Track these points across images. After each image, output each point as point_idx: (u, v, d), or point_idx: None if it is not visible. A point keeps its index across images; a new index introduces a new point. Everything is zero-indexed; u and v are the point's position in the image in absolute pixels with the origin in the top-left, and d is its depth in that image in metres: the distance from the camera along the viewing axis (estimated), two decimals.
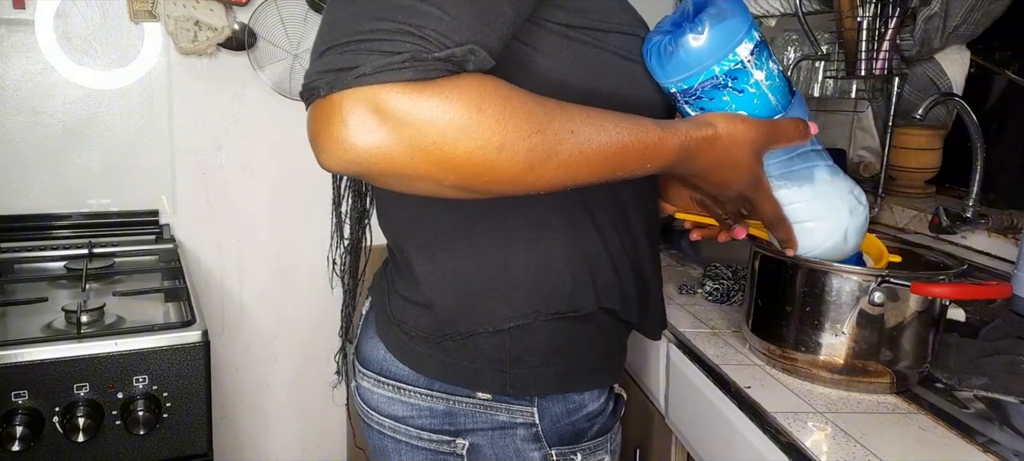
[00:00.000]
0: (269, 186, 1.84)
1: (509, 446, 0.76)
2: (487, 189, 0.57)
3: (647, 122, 0.63)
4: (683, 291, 1.15)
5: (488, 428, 0.75)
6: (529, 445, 0.75)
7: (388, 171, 0.54)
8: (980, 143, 1.36)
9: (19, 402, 1.10)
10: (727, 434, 0.84)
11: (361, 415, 0.83)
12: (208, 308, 1.81)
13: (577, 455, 0.77)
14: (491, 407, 0.75)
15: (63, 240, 1.65)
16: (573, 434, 0.77)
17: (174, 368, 1.18)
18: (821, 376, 0.83)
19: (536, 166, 0.56)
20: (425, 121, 0.52)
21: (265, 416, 1.98)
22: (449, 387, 0.75)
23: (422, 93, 0.52)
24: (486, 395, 0.74)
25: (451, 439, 0.76)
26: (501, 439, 0.76)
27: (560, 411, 0.76)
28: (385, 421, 0.79)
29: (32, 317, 1.28)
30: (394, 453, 0.79)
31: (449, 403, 0.75)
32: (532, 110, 0.56)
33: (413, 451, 0.78)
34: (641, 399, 1.14)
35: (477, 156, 0.54)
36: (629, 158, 0.61)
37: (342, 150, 0.52)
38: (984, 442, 0.72)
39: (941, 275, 0.85)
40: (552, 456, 0.76)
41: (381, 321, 0.80)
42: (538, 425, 0.75)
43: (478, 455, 0.76)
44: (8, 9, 1.58)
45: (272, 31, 1.74)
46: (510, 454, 0.76)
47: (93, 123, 1.68)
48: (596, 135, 0.59)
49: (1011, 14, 1.45)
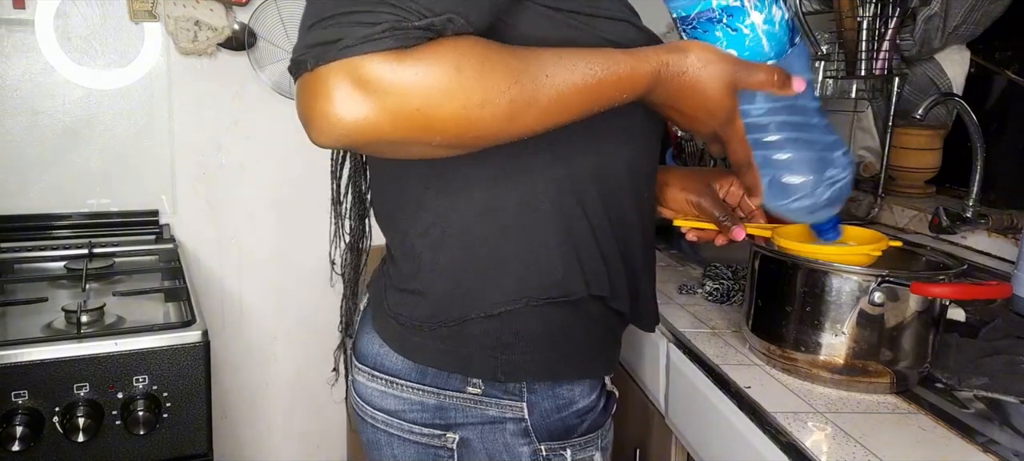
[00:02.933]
0: (269, 186, 1.84)
1: (499, 440, 0.76)
2: (475, 144, 0.59)
3: (618, 53, 0.64)
4: (683, 291, 1.15)
5: (478, 422, 0.76)
6: (518, 440, 0.76)
7: (377, 140, 0.55)
8: (980, 143, 1.36)
9: (19, 402, 1.10)
10: (727, 434, 0.84)
11: (355, 409, 0.83)
12: (208, 308, 1.81)
13: (566, 451, 0.77)
14: (481, 401, 0.75)
15: (63, 240, 1.65)
16: (563, 430, 0.77)
17: (174, 368, 1.18)
18: (821, 376, 0.83)
19: (518, 115, 0.58)
20: (407, 88, 0.53)
21: (265, 416, 1.98)
22: (441, 380, 0.75)
23: (403, 61, 0.53)
24: (476, 390, 0.75)
25: (441, 433, 0.76)
26: (491, 433, 0.76)
27: (549, 406, 0.76)
28: (378, 415, 0.79)
29: (32, 317, 1.28)
30: (386, 446, 0.80)
31: (440, 397, 0.76)
32: (508, 63, 0.57)
33: (405, 444, 0.78)
34: (641, 399, 1.14)
35: (460, 115, 0.55)
36: (604, 92, 0.63)
37: (330, 124, 0.53)
38: (984, 442, 0.72)
39: (941, 275, 0.85)
40: (541, 451, 0.76)
41: (377, 315, 0.80)
42: (527, 420, 0.76)
43: (468, 449, 0.76)
44: (8, 9, 1.58)
45: (272, 31, 1.74)
46: (500, 448, 0.76)
47: (93, 123, 1.68)
48: (570, 75, 0.60)
49: (1011, 14, 1.45)
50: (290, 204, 1.86)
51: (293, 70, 0.55)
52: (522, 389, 0.75)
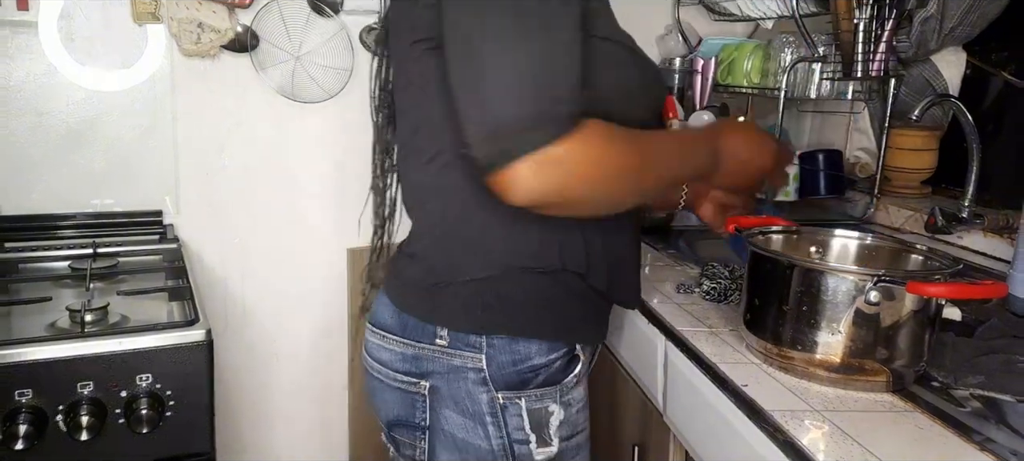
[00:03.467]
0: (271, 187, 1.85)
1: (462, 388, 0.87)
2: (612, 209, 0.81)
3: (701, 146, 0.87)
4: (681, 290, 1.16)
5: (444, 371, 0.87)
6: (478, 387, 0.87)
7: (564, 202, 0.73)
8: (976, 144, 1.37)
9: (23, 401, 1.11)
10: (725, 432, 0.85)
11: (363, 363, 0.97)
12: (211, 308, 1.81)
13: (521, 400, 0.87)
14: (447, 351, 0.86)
15: (67, 240, 1.66)
16: (518, 381, 0.87)
17: (177, 367, 1.19)
18: (818, 375, 0.83)
19: (637, 193, 0.81)
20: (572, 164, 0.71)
21: (268, 415, 1.99)
22: (416, 333, 0.88)
23: (563, 145, 0.70)
24: (442, 341, 0.86)
25: (417, 380, 0.89)
26: (455, 381, 0.87)
27: (505, 360, 0.86)
28: (375, 364, 0.93)
29: (36, 316, 1.28)
30: (380, 392, 0.93)
31: (416, 349, 0.88)
32: (632, 148, 0.77)
33: (392, 391, 0.91)
34: (639, 397, 1.15)
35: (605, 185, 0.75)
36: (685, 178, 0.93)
37: (525, 195, 0.71)
38: (980, 440, 0.73)
39: (937, 275, 0.86)
40: (498, 399, 0.87)
41: (389, 278, 0.94)
42: (486, 370, 0.86)
43: (437, 395, 0.88)
44: (12, 11, 1.59)
45: (274, 33, 1.75)
46: (462, 395, 0.87)
47: (97, 124, 1.69)
48: (671, 172, 0.84)
49: (1007, 15, 1.46)
50: (293, 204, 1.87)
51: (496, 161, 0.70)
52: (482, 342, 0.86)
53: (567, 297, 0.88)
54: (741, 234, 0.94)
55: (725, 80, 1.86)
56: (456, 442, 0.88)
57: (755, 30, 2.01)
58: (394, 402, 0.91)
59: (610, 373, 1.29)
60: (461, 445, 0.88)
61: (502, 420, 0.87)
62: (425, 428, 0.89)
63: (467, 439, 0.88)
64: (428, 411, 0.89)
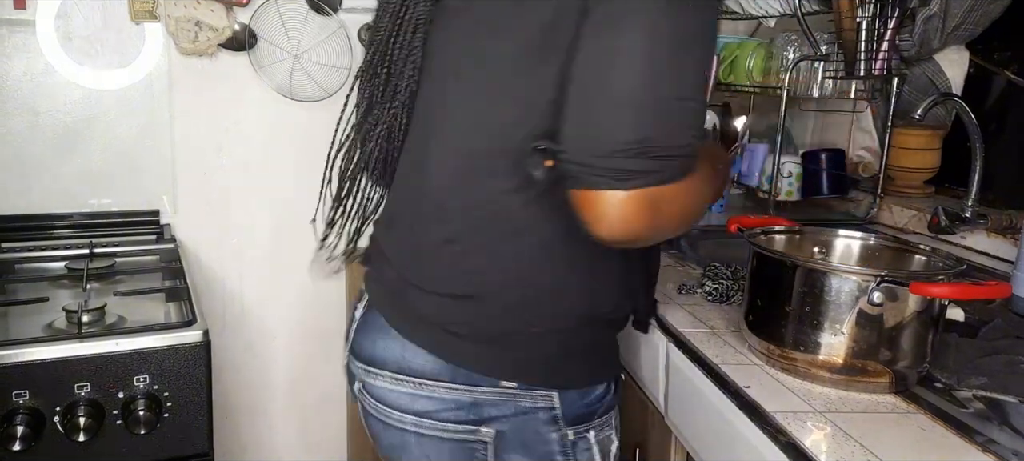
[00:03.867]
0: (269, 186, 1.84)
1: (530, 429, 0.81)
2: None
3: (718, 170, 0.86)
4: (682, 291, 1.15)
5: (512, 414, 0.81)
6: (548, 427, 0.82)
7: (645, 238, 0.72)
8: (979, 143, 1.36)
9: (20, 402, 1.11)
10: (727, 433, 0.84)
11: (376, 415, 0.86)
12: (209, 308, 1.81)
13: (590, 433, 0.85)
14: (516, 394, 0.80)
15: (64, 240, 1.65)
16: (586, 415, 0.84)
17: (175, 368, 1.19)
18: (820, 376, 0.83)
19: (687, 226, 0.78)
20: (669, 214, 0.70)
21: (266, 416, 1.98)
22: (474, 378, 0.80)
23: (668, 191, 0.67)
24: (511, 384, 0.80)
25: (476, 428, 0.81)
26: (523, 423, 0.81)
27: (575, 395, 0.83)
28: (407, 417, 0.83)
29: (33, 317, 1.28)
30: (416, 447, 0.83)
31: (473, 394, 0.80)
32: (702, 188, 0.75)
33: (439, 443, 0.82)
34: (641, 399, 1.15)
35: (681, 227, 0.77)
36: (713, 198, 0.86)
37: (621, 227, 0.67)
38: (983, 442, 0.72)
39: (940, 275, 0.85)
40: (568, 435, 0.83)
41: (406, 320, 0.83)
42: (558, 408, 0.81)
43: (503, 440, 0.81)
44: (9, 9, 1.59)
45: (273, 32, 1.74)
46: (531, 436, 0.82)
47: (94, 123, 1.68)
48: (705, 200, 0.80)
49: (1010, 14, 1.46)
50: (291, 204, 1.86)
51: (602, 184, 0.66)
52: (567, 387, 0.82)
53: (615, 333, 0.90)
54: (743, 234, 0.93)
55: (727, 79, 1.85)
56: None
57: (757, 28, 2.01)
58: (443, 454, 0.82)
59: None
60: None
61: (572, 455, 0.84)
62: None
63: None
64: (491, 459, 0.82)
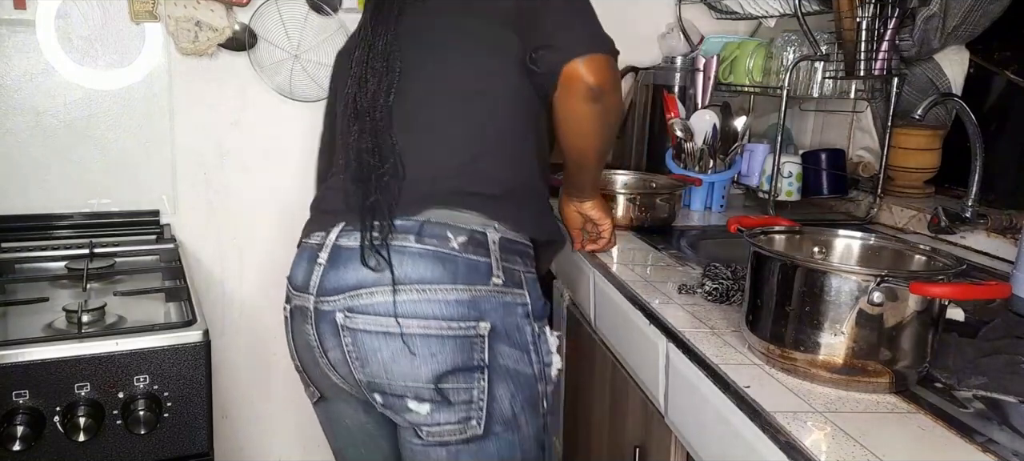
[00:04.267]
0: (269, 186, 1.84)
1: (513, 323, 1.00)
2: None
3: None
4: (682, 291, 1.15)
5: (499, 309, 0.99)
6: (525, 321, 1.02)
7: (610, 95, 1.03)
8: (979, 143, 1.36)
9: (20, 402, 1.11)
10: (727, 433, 0.84)
11: (374, 329, 0.97)
12: (209, 308, 1.81)
13: (547, 328, 1.06)
14: (501, 291, 0.99)
15: (64, 240, 1.65)
16: (543, 313, 1.05)
17: (175, 368, 1.19)
18: (820, 376, 0.83)
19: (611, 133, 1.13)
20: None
21: (266, 416, 1.98)
22: (471, 278, 0.97)
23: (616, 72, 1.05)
24: (499, 280, 0.99)
25: (476, 323, 0.97)
26: (508, 317, 1.00)
27: (536, 295, 1.04)
28: (412, 322, 0.95)
29: (33, 317, 1.28)
30: (422, 348, 0.96)
31: (472, 292, 0.97)
32: None
33: (443, 341, 0.96)
34: (641, 398, 1.15)
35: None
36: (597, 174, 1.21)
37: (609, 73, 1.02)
38: (983, 442, 0.72)
39: (940, 275, 0.85)
40: (535, 328, 1.03)
41: (409, 205, 1.00)
42: (529, 304, 1.02)
43: (494, 332, 0.98)
44: (9, 9, 1.59)
45: (273, 32, 1.74)
46: (514, 329, 1.00)
47: (94, 123, 1.68)
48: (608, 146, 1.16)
49: (1010, 14, 1.46)
50: (290, 204, 1.86)
51: (595, 50, 1.00)
52: (523, 279, 1.02)
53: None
54: (743, 234, 0.93)
55: (727, 79, 1.85)
56: (510, 373, 1.00)
57: (757, 28, 2.01)
58: (447, 352, 0.96)
59: (611, 374, 1.29)
60: (513, 375, 1.00)
61: (539, 346, 1.03)
62: (485, 367, 0.97)
63: (518, 369, 1.00)
64: (486, 351, 0.97)
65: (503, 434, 1.01)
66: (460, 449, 1.00)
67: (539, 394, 1.04)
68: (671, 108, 1.81)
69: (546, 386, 1.05)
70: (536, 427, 1.05)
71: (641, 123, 1.94)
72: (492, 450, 1.01)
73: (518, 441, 1.02)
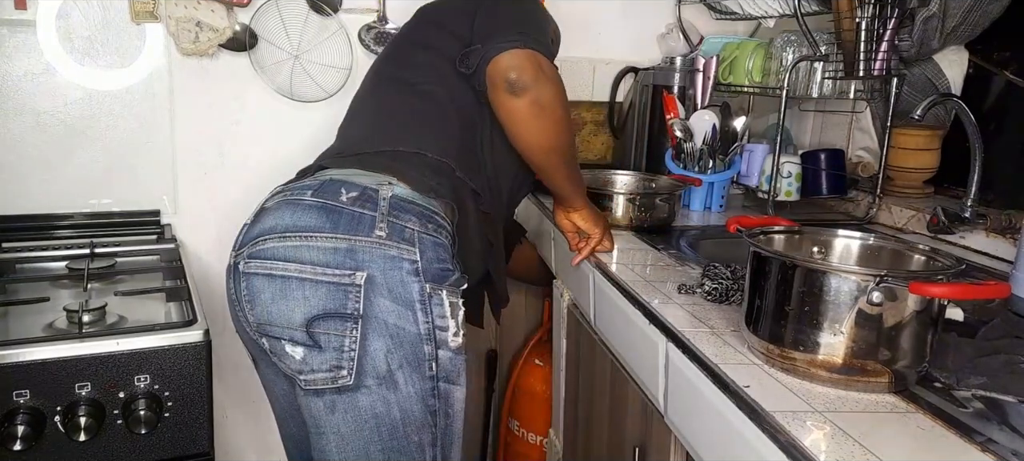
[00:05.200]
0: (270, 186, 1.83)
1: (396, 277, 1.01)
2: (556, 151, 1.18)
3: None
4: (682, 291, 1.15)
5: (381, 261, 1.00)
6: (411, 278, 1.02)
7: (536, 91, 1.08)
8: (978, 143, 1.36)
9: (21, 401, 1.11)
10: (726, 433, 0.84)
11: (261, 271, 1.03)
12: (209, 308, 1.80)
13: (443, 292, 1.04)
14: (385, 244, 1.01)
15: (65, 240, 1.66)
16: (440, 275, 1.05)
17: (176, 367, 1.19)
18: (820, 375, 0.83)
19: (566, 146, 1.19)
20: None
21: (266, 416, 1.97)
22: (352, 228, 1.01)
23: (545, 62, 1.10)
24: (382, 233, 1.01)
25: (351, 272, 0.99)
26: (391, 270, 1.01)
27: (432, 256, 1.04)
28: (290, 265, 1.01)
29: (34, 317, 1.28)
30: (297, 290, 1.00)
31: (350, 242, 1.00)
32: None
33: (315, 286, 0.99)
34: (640, 398, 1.15)
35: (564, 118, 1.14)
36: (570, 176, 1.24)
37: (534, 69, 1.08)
38: (983, 441, 0.72)
39: (939, 275, 0.85)
40: (427, 288, 1.02)
41: (306, 190, 1.08)
42: (419, 262, 1.02)
43: (373, 284, 1.00)
44: (9, 10, 1.59)
45: (273, 32, 1.74)
46: (396, 283, 1.01)
47: (95, 123, 1.68)
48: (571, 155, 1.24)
49: (1009, 15, 1.46)
50: None
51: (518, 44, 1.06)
52: (415, 237, 1.02)
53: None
54: (743, 234, 0.93)
55: (726, 79, 1.85)
56: (388, 327, 1.00)
57: (757, 29, 2.01)
58: (319, 297, 0.99)
59: (610, 374, 1.29)
60: (393, 330, 1.00)
61: (429, 307, 1.02)
62: (359, 317, 0.99)
63: (399, 324, 1.00)
64: (362, 300, 0.99)
65: (376, 389, 1.00)
66: (335, 400, 1.00)
67: (424, 355, 1.03)
68: (671, 108, 1.82)
69: (436, 349, 1.04)
70: (419, 389, 1.03)
71: (641, 123, 1.94)
72: (365, 403, 1.00)
73: (395, 399, 1.01)
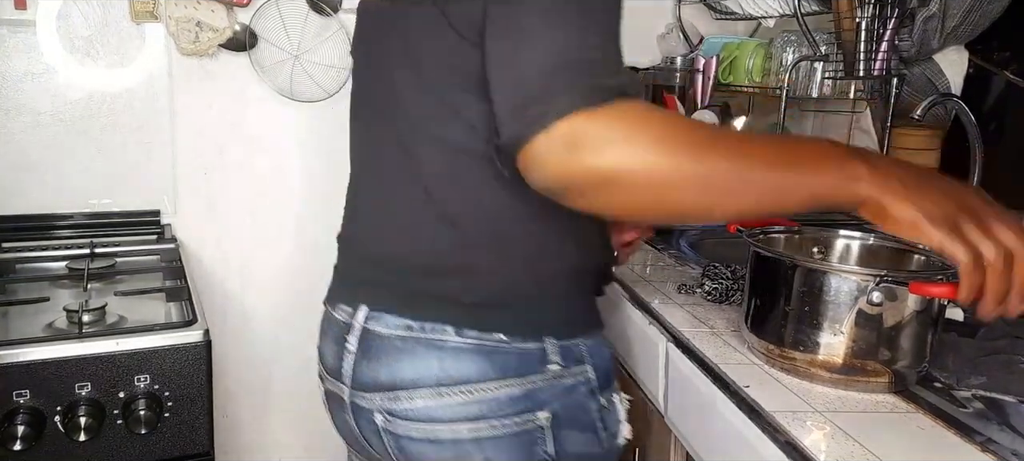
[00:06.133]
0: (270, 187, 1.84)
1: (577, 404, 0.86)
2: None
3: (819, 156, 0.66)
4: (682, 291, 1.15)
5: (561, 394, 0.85)
6: (589, 399, 0.87)
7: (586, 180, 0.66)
8: (978, 144, 1.36)
9: (21, 401, 1.11)
10: (726, 433, 0.84)
11: (421, 436, 0.85)
12: (209, 308, 1.80)
13: (615, 395, 0.91)
14: (559, 376, 0.85)
15: (65, 240, 1.65)
16: (609, 380, 0.90)
17: (176, 368, 1.19)
18: (820, 375, 0.83)
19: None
20: None
21: (266, 416, 1.98)
22: (522, 368, 0.83)
23: (598, 117, 0.62)
24: (555, 366, 0.84)
25: (533, 414, 0.83)
26: (570, 400, 0.86)
27: (600, 363, 0.88)
28: (462, 427, 0.82)
29: (34, 317, 1.28)
30: (477, 453, 0.84)
31: (524, 384, 0.83)
32: (705, 144, 0.64)
33: (498, 442, 0.83)
34: (640, 399, 1.15)
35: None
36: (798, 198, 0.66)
37: (543, 172, 0.66)
38: (982, 441, 0.72)
39: (939, 275, 0.86)
40: (602, 401, 0.88)
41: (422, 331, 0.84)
42: (594, 380, 0.87)
43: (557, 421, 0.85)
44: (9, 10, 1.59)
45: (273, 32, 1.74)
46: (578, 411, 0.87)
47: (94, 123, 1.68)
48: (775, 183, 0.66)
49: (1010, 14, 1.45)
50: (291, 204, 1.87)
51: (519, 140, 0.65)
52: (582, 355, 0.86)
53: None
54: (743, 234, 0.93)
55: (726, 79, 1.85)
56: (580, 459, 0.88)
57: (757, 29, 2.01)
58: (506, 451, 0.84)
59: None
60: (583, 459, 0.88)
61: (607, 420, 0.89)
62: (553, 459, 0.86)
63: (587, 451, 0.88)
64: (549, 441, 0.85)
65: None
66: None
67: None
68: (671, 108, 1.82)
69: (613, 455, 0.93)
70: None
71: None
72: None
73: None
